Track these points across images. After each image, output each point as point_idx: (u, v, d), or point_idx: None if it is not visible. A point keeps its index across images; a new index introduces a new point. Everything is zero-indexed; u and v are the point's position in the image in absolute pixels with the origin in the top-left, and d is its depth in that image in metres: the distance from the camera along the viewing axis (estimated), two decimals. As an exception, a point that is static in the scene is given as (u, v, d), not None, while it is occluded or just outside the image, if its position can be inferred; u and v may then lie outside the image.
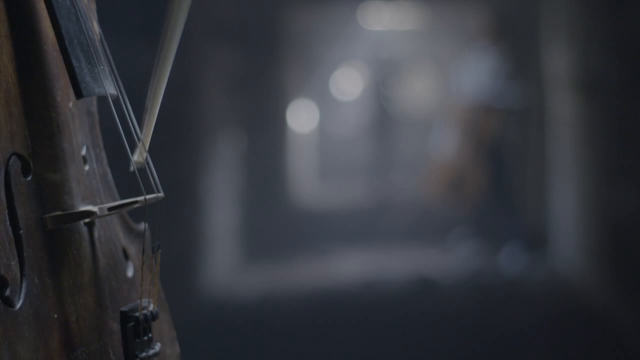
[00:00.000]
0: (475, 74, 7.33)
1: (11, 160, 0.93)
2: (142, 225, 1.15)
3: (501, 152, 7.43)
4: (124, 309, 1.04)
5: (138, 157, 1.12)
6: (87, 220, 1.02)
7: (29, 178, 0.95)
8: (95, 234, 1.04)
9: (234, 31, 6.88)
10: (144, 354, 1.04)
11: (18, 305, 0.90)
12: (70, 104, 1.03)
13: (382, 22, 12.88)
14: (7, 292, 0.89)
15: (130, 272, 1.12)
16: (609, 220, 5.70)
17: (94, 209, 1.00)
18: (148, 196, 1.05)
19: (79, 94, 1.00)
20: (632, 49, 5.06)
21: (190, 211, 6.01)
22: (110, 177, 1.13)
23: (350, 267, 7.24)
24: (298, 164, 12.38)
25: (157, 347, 1.07)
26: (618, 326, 5.12)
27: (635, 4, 5.06)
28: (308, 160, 13.54)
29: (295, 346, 5.10)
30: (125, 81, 1.09)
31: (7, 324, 0.88)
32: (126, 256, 1.12)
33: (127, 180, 1.15)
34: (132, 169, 1.11)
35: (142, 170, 1.08)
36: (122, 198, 1.08)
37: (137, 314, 1.04)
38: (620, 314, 5.20)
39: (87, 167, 1.06)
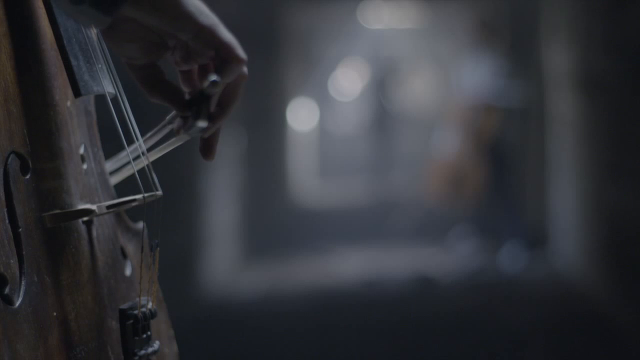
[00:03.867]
0: (475, 72, 7.32)
1: (10, 159, 0.93)
2: (140, 224, 1.15)
3: (501, 151, 7.42)
4: (122, 307, 1.04)
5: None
6: (85, 218, 1.02)
7: (28, 176, 0.95)
8: (94, 232, 1.04)
9: (234, 29, 6.86)
10: (142, 352, 1.05)
11: (17, 303, 0.90)
12: (69, 103, 1.03)
13: (382, 21, 12.87)
14: (7, 290, 0.89)
15: (128, 271, 1.12)
16: (609, 219, 5.70)
17: (93, 207, 1.00)
18: (146, 194, 1.05)
19: (77, 93, 1.00)
20: (632, 48, 5.06)
21: (190, 210, 6.01)
22: (108, 175, 1.14)
23: (350, 266, 7.24)
24: (298, 163, 12.37)
25: (156, 345, 1.07)
26: (618, 325, 5.12)
27: (635, 4, 5.06)
28: (308, 158, 13.53)
29: (295, 345, 5.10)
30: (124, 80, 1.09)
31: (7, 321, 0.88)
32: (124, 255, 1.12)
33: (125, 179, 1.15)
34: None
35: (140, 168, 1.08)
36: (120, 197, 1.09)
37: (135, 311, 1.04)
38: (620, 312, 5.20)
39: (85, 166, 1.06)
